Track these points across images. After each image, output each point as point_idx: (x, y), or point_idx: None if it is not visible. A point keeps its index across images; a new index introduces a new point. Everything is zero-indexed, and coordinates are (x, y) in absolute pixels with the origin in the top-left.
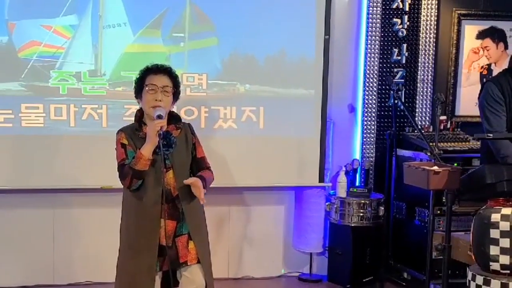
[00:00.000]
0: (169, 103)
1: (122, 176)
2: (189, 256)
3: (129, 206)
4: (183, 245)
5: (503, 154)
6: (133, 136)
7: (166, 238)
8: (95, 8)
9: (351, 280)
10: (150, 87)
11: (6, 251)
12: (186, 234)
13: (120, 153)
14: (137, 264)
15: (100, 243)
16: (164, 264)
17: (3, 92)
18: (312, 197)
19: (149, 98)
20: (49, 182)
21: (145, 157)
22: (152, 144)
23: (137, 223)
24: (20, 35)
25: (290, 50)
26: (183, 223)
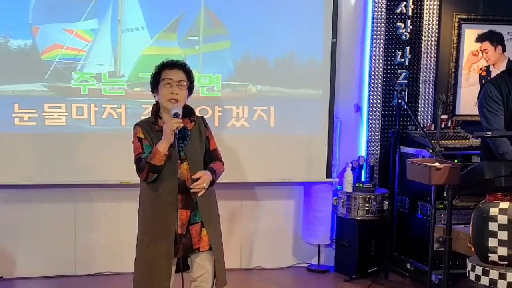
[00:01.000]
0: (184, 97)
1: (138, 170)
2: (201, 243)
3: (146, 196)
4: (197, 232)
5: (502, 151)
6: (149, 129)
7: (181, 226)
8: (115, 13)
9: (357, 270)
10: (166, 81)
11: (30, 243)
12: (199, 223)
13: (137, 147)
14: (154, 250)
15: (119, 235)
16: (179, 251)
17: (27, 92)
18: (320, 192)
19: (165, 92)
20: (71, 177)
21: (161, 153)
22: (168, 141)
23: (154, 212)
24: (44, 39)
25: (299, 53)
26: (197, 212)
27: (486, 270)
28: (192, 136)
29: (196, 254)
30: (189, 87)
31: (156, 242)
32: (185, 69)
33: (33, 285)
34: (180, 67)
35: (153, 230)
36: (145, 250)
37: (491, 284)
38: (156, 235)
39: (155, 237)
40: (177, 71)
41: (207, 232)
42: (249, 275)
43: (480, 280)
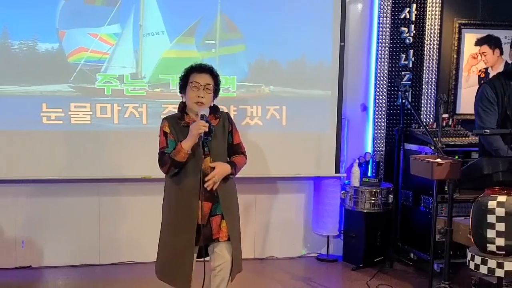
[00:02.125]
0: (210, 99)
1: (161, 163)
2: (221, 233)
3: (171, 188)
4: (217, 223)
5: (496, 147)
6: (176, 125)
7: (202, 217)
8: (136, 18)
9: (364, 260)
10: (194, 84)
11: (57, 234)
12: (219, 215)
13: (162, 141)
14: (177, 239)
15: (141, 227)
16: (200, 240)
17: (55, 93)
18: (329, 186)
19: (192, 94)
20: (95, 172)
21: (185, 151)
22: (193, 141)
23: (177, 203)
24: (69, 42)
25: (310, 56)
26: (218, 204)
27: (484, 260)
28: (217, 132)
29: (216, 244)
30: (215, 90)
31: (179, 232)
32: (212, 73)
33: (60, 274)
34: (207, 71)
35: (177, 220)
36: (168, 239)
37: (490, 272)
38: (179, 225)
39: (178, 227)
40: (205, 75)
41: (226, 224)
42: (262, 264)
43: (479, 269)
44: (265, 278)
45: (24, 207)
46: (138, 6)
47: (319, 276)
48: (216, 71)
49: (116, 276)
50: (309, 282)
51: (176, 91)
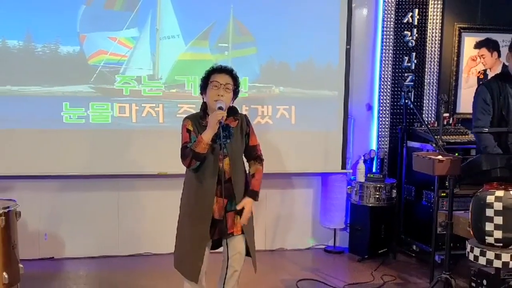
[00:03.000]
0: (229, 99)
1: (183, 157)
2: (235, 228)
3: (190, 184)
4: (232, 218)
5: (484, 145)
6: (197, 124)
7: (218, 212)
8: (153, 23)
9: (369, 251)
10: (214, 83)
11: (78, 227)
12: (234, 211)
13: (185, 137)
14: (191, 233)
15: (157, 220)
16: (215, 233)
17: (76, 93)
18: (336, 181)
19: (212, 93)
20: (114, 169)
21: (205, 141)
22: (212, 130)
23: (195, 199)
24: (90, 45)
25: (317, 58)
26: (233, 201)
27: (483, 251)
28: (235, 134)
29: (231, 237)
30: (234, 91)
31: (194, 226)
32: (232, 74)
33: (80, 265)
34: (227, 72)
35: (193, 213)
36: (184, 231)
37: (488, 263)
38: (194, 219)
39: (194, 220)
40: (225, 75)
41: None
42: (272, 255)
43: (478, 260)
44: (275, 268)
45: (47, 202)
46: (155, 11)
47: (327, 267)
48: (236, 73)
49: (134, 266)
50: (317, 272)
51: (191, 91)
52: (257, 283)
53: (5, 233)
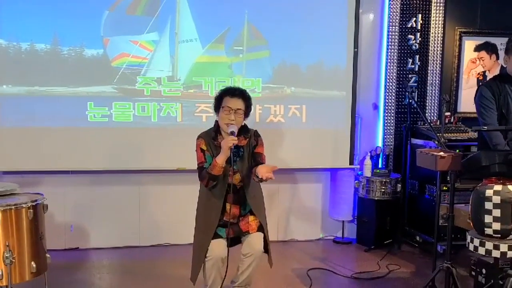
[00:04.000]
0: (240, 122)
1: (201, 178)
2: (250, 227)
3: (202, 197)
4: (245, 221)
5: (495, 142)
6: (210, 143)
7: (232, 217)
8: (172, 27)
9: (375, 242)
10: (225, 108)
11: (102, 219)
12: (248, 213)
13: (200, 156)
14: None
15: (177, 213)
16: (230, 233)
17: (100, 93)
18: (344, 176)
19: (224, 116)
20: (136, 164)
21: (219, 165)
22: (225, 155)
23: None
24: (113, 48)
25: (327, 60)
26: (245, 206)
27: (482, 242)
28: (245, 151)
29: (247, 236)
30: (246, 112)
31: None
32: (244, 98)
33: (104, 255)
34: (239, 96)
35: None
36: (197, 234)
37: (487, 253)
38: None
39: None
40: (237, 99)
41: (254, 218)
42: (284, 246)
43: (478, 250)
44: (287, 258)
45: (72, 196)
46: (174, 16)
47: (335, 257)
48: (248, 94)
49: (154, 256)
50: (326, 262)
51: (208, 92)
52: (270, 272)
53: (33, 225)
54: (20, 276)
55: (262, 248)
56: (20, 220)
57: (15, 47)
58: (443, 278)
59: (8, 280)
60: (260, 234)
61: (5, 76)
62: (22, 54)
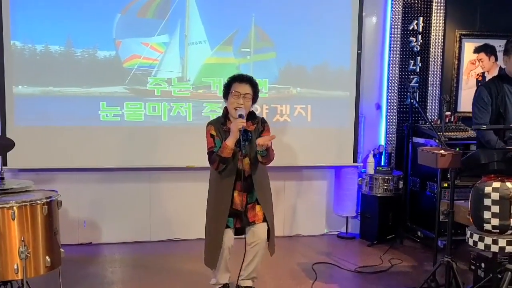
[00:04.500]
0: (248, 106)
1: (211, 161)
2: (256, 217)
3: (213, 181)
4: (252, 209)
5: (487, 139)
6: (220, 128)
7: (240, 205)
8: (182, 30)
9: (378, 237)
10: (234, 93)
11: (114, 215)
12: (255, 202)
13: (210, 142)
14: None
15: (186, 209)
16: (237, 223)
17: (112, 93)
18: (348, 174)
19: (232, 101)
20: (147, 162)
21: (229, 147)
22: (235, 137)
23: (216, 194)
24: (125, 50)
25: (331, 62)
26: (252, 194)
27: (482, 237)
28: (253, 137)
29: (252, 225)
30: (253, 98)
31: (214, 218)
32: (251, 83)
33: (115, 249)
34: (247, 81)
35: (214, 208)
36: (208, 224)
37: (486, 248)
38: (215, 213)
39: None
40: (245, 85)
41: (260, 209)
42: (290, 241)
43: (477, 245)
44: (293, 252)
45: (86, 192)
46: (184, 19)
47: (339, 251)
48: (256, 81)
49: (164, 251)
50: (331, 256)
51: (216, 92)
52: (276, 266)
53: (48, 221)
54: (35, 270)
55: (266, 237)
56: (35, 216)
57: (30, 49)
58: (443, 272)
59: (23, 273)
60: (265, 224)
61: (20, 77)
62: (37, 55)
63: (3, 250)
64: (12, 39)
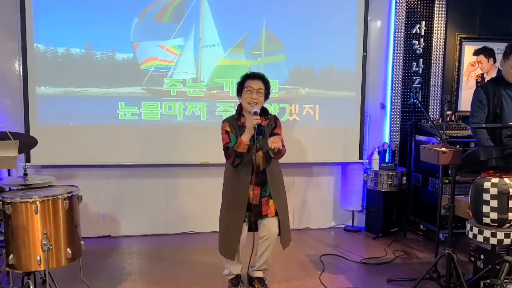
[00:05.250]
0: (261, 101)
1: (227, 156)
2: (269, 210)
3: (229, 175)
4: (266, 203)
5: (478, 138)
6: (234, 124)
7: (254, 198)
8: (196, 33)
9: (382, 230)
10: (248, 88)
11: (132, 209)
12: (268, 196)
13: (225, 138)
14: (231, 216)
15: (200, 203)
16: (251, 216)
17: (130, 94)
18: (354, 170)
19: (246, 96)
20: (163, 159)
21: (245, 143)
22: (249, 133)
23: (233, 188)
24: (142, 53)
25: (338, 63)
26: (266, 188)
27: (481, 230)
28: (266, 132)
29: (265, 219)
30: (265, 94)
31: (232, 210)
32: (263, 80)
33: (133, 242)
34: (259, 78)
35: (231, 201)
36: (225, 215)
37: (485, 240)
38: (232, 205)
39: (232, 206)
40: (257, 81)
41: (273, 203)
42: (299, 234)
43: (477, 238)
44: (302, 245)
45: (105, 187)
46: (198, 23)
47: (346, 243)
48: (267, 78)
49: (180, 243)
50: (338, 248)
51: (229, 92)
52: (286, 258)
53: (69, 215)
54: (57, 261)
55: (277, 231)
56: (57, 210)
57: (52, 52)
58: (445, 263)
59: (46, 265)
60: (276, 218)
61: (43, 78)
62: (59, 58)
63: (26, 243)
64: (35, 42)
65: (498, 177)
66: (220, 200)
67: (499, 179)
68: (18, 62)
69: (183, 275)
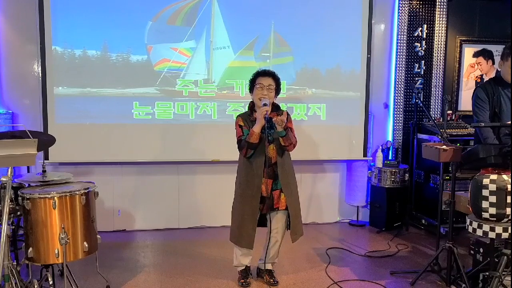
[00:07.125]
0: (272, 97)
1: (240, 148)
2: (280, 203)
3: (242, 168)
4: (277, 196)
5: (485, 137)
6: (247, 119)
7: (265, 191)
8: (208, 36)
9: (386, 225)
10: (259, 85)
11: (146, 205)
12: (279, 189)
13: (238, 131)
14: (245, 208)
15: (211, 199)
16: (263, 209)
17: (144, 94)
18: (359, 167)
19: (257, 92)
20: (175, 156)
21: (256, 133)
22: (260, 124)
23: (247, 180)
24: (155, 54)
25: (343, 65)
26: (278, 181)
27: (480, 225)
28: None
29: (275, 212)
30: (276, 90)
31: (247, 202)
32: (274, 77)
33: (147, 236)
34: (270, 75)
35: (245, 192)
36: (238, 206)
37: (484, 235)
38: (247, 196)
39: (247, 198)
40: (268, 78)
41: (284, 196)
42: (306, 228)
43: (476, 232)
44: (309, 239)
45: (120, 184)
46: (209, 26)
47: (351, 237)
48: (278, 75)
49: (192, 237)
50: (343, 242)
51: (239, 93)
52: (294, 251)
53: (86, 210)
54: (74, 254)
55: (286, 225)
56: (74, 205)
57: (69, 54)
58: (445, 256)
59: (63, 258)
60: (285, 212)
61: (61, 79)
62: (76, 59)
63: (45, 237)
64: (54, 44)
65: (497, 174)
66: (230, 196)
67: (498, 176)
68: (37, 64)
69: (195, 267)
